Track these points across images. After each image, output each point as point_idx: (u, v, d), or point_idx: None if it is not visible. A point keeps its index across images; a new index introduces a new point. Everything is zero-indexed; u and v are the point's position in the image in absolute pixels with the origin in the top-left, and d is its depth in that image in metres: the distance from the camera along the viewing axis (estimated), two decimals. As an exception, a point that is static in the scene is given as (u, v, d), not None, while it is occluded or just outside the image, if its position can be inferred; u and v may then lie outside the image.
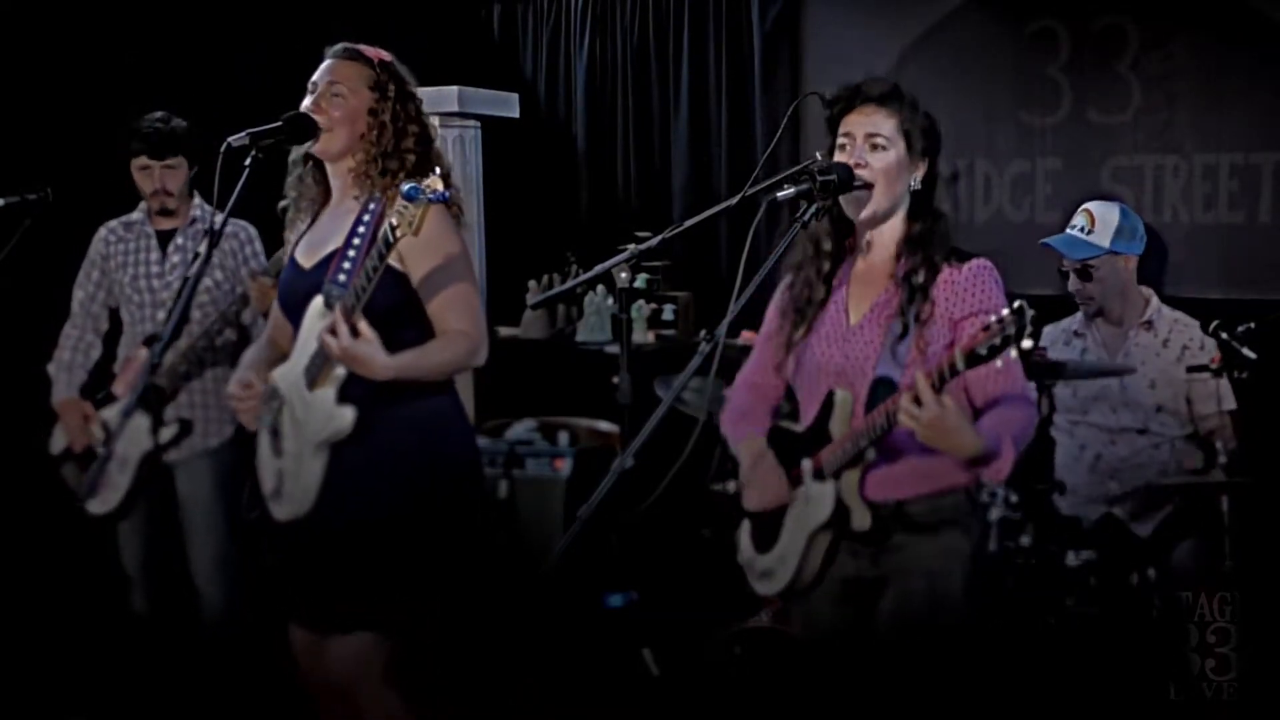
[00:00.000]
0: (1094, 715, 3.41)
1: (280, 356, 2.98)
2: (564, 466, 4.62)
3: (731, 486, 2.83)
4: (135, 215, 3.91)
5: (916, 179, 2.69)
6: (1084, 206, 3.92)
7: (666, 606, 4.13)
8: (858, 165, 2.64)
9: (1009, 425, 2.55)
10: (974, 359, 2.34)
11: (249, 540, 3.57)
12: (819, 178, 2.62)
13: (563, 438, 4.82)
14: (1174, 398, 3.81)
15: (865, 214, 2.67)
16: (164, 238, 3.86)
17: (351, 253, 2.78)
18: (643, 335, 5.36)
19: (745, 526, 2.84)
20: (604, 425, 4.81)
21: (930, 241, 2.67)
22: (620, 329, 3.21)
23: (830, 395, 2.66)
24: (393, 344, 2.73)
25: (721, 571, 4.20)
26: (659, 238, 3.07)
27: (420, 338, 2.85)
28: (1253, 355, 3.41)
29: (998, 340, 2.30)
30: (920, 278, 2.63)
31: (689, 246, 5.57)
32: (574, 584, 4.04)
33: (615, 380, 3.20)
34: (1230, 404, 3.77)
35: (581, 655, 4.07)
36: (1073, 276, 3.87)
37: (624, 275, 3.08)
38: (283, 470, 2.88)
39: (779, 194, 2.63)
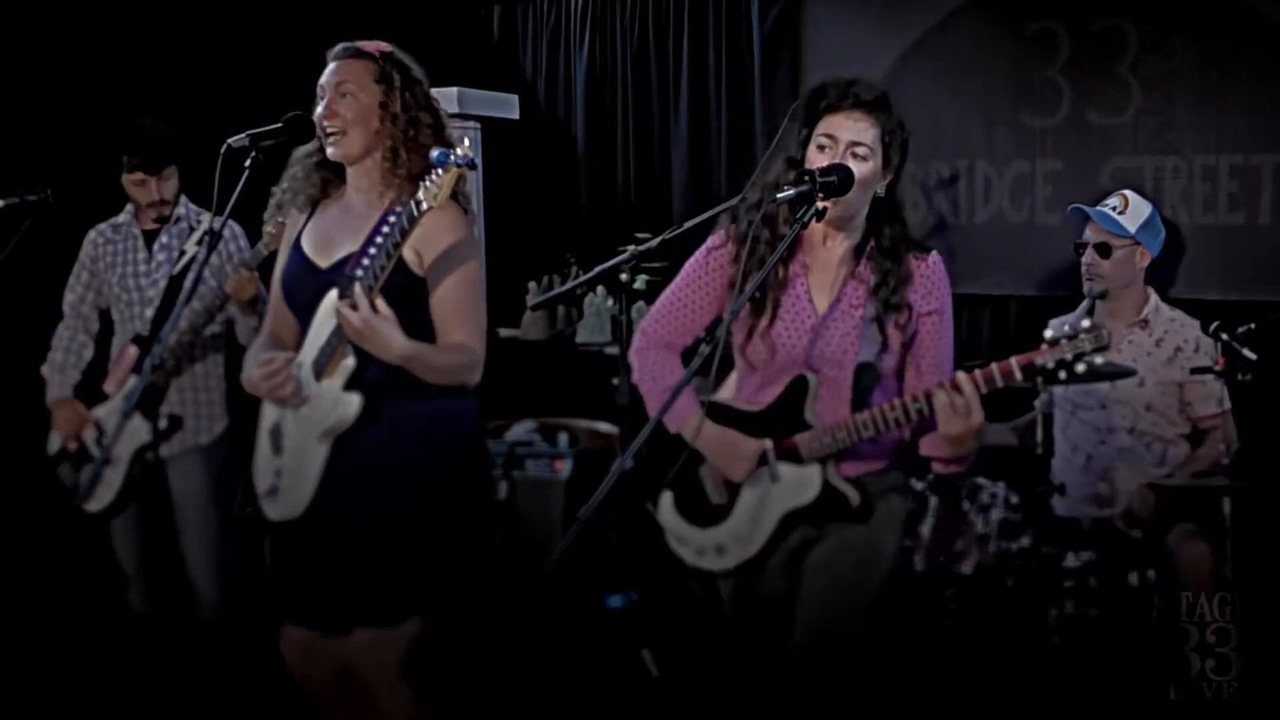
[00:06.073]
0: (1094, 715, 3.42)
1: (284, 352, 2.97)
2: (564, 468, 4.62)
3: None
4: (122, 217, 3.93)
5: (882, 187, 2.75)
6: (1120, 191, 3.99)
7: (666, 606, 4.13)
8: None
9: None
10: (1048, 377, 2.46)
11: (244, 536, 3.58)
12: (819, 179, 2.62)
13: (562, 439, 4.81)
14: (1162, 396, 3.80)
15: (834, 214, 2.69)
16: (149, 237, 3.88)
17: (372, 250, 2.72)
18: (642, 336, 5.34)
19: (667, 497, 2.89)
20: (603, 426, 4.80)
21: (902, 249, 2.75)
22: (620, 330, 3.21)
23: (802, 379, 2.73)
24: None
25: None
26: (659, 239, 3.07)
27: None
28: (1253, 356, 3.41)
29: (1069, 355, 2.43)
30: (895, 280, 2.73)
31: (689, 247, 5.54)
32: (574, 584, 4.04)
33: (615, 381, 3.21)
34: (1227, 403, 3.77)
35: (581, 655, 4.07)
36: (1089, 250, 3.88)
37: (624, 276, 3.09)
38: (282, 468, 2.87)
39: (779, 195, 2.63)
